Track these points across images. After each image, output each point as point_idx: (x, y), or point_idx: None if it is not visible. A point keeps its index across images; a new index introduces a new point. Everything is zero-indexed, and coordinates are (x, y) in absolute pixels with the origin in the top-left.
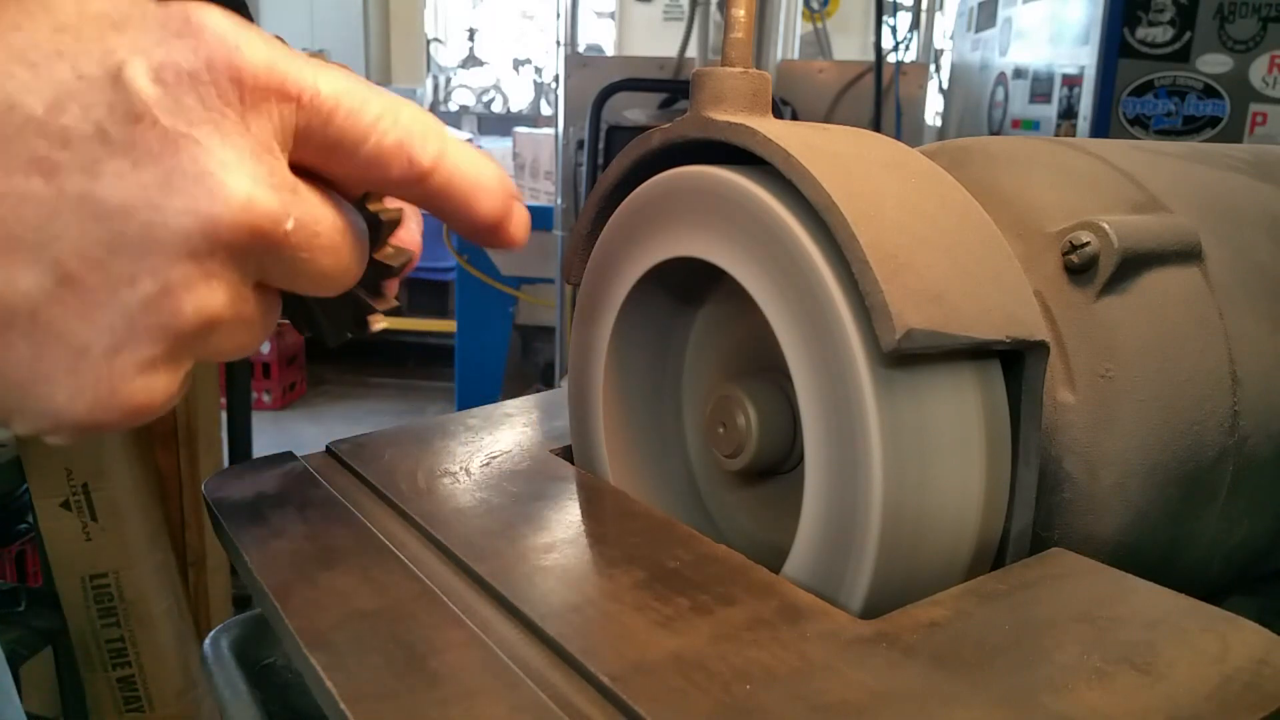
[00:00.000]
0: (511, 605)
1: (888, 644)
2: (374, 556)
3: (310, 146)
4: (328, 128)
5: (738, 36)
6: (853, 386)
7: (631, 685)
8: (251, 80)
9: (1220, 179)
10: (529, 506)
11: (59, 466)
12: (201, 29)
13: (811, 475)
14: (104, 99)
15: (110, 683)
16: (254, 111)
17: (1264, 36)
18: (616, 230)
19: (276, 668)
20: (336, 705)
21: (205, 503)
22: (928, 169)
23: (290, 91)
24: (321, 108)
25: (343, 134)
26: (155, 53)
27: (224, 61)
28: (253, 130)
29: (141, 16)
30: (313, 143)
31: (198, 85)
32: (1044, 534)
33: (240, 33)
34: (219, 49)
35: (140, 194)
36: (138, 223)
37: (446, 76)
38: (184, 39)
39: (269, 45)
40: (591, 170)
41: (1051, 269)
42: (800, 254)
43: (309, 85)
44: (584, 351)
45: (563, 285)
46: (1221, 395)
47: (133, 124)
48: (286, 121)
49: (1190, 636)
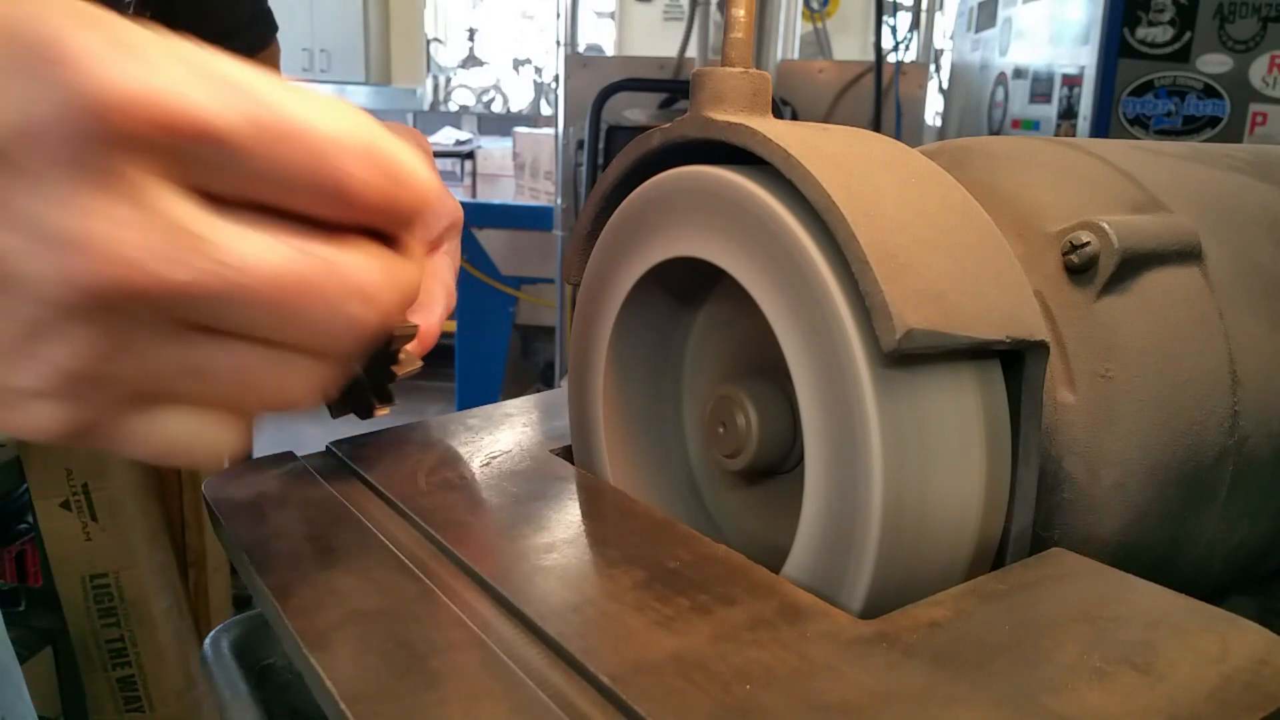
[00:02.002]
0: (511, 605)
1: (888, 644)
2: (374, 556)
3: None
4: (240, 167)
5: (738, 36)
6: (853, 386)
7: (631, 685)
8: (119, 118)
9: (1220, 179)
10: (529, 506)
11: (59, 466)
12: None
13: (811, 475)
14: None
15: (110, 683)
16: (125, 149)
17: (1264, 36)
18: (616, 230)
19: (276, 668)
20: (336, 705)
21: (205, 503)
22: (928, 169)
23: (174, 125)
24: (220, 141)
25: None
26: (12, 82)
27: (89, 92)
28: (122, 172)
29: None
30: (223, 178)
31: (52, 122)
32: (1044, 534)
33: (111, 56)
34: (83, 78)
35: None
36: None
37: (446, 76)
38: (45, 64)
39: (145, 66)
40: (591, 170)
41: (1051, 269)
42: (800, 254)
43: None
44: (584, 351)
45: (563, 285)
46: (1221, 395)
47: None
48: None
49: (1190, 636)
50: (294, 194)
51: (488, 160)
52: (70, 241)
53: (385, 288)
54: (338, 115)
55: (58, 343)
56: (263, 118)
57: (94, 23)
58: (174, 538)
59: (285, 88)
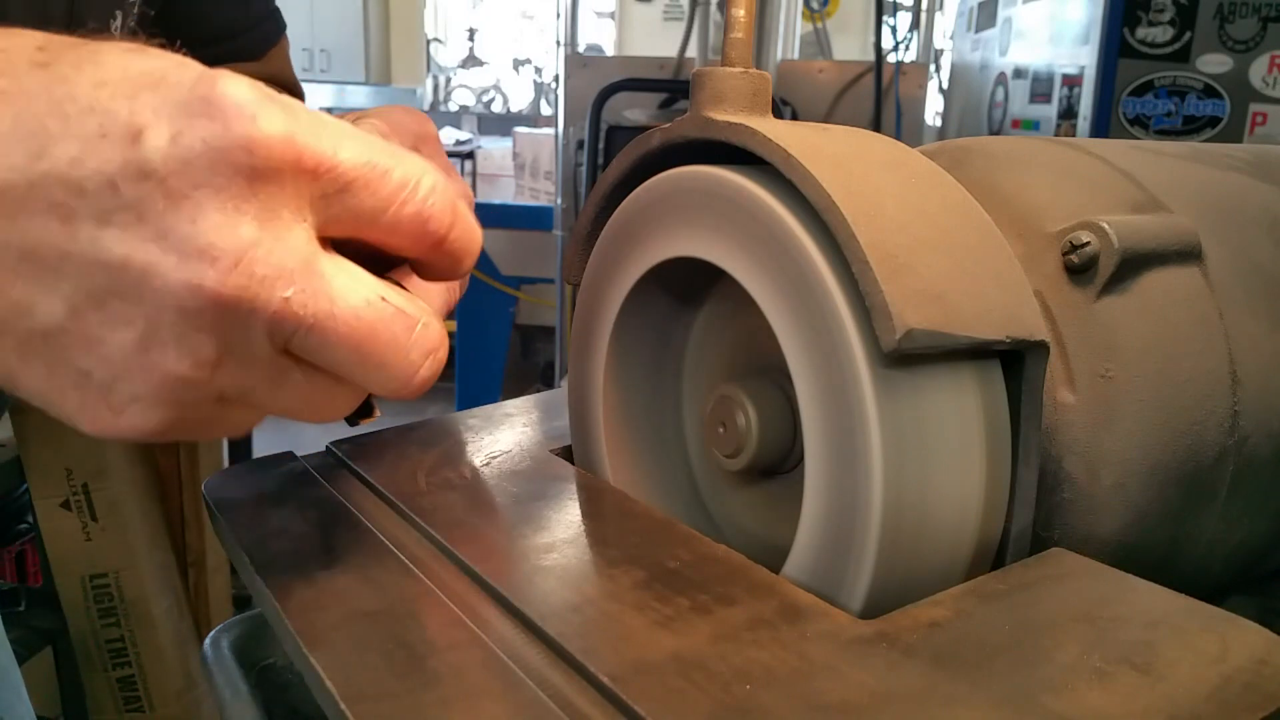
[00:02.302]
0: (511, 605)
1: (888, 644)
2: (374, 556)
3: (330, 215)
4: (345, 198)
5: (738, 36)
6: (853, 386)
7: (631, 685)
8: (264, 152)
9: (1220, 179)
10: (529, 506)
11: (59, 466)
12: (222, 98)
13: (811, 475)
14: (120, 155)
15: (110, 683)
16: (264, 181)
17: (1264, 36)
18: (616, 230)
19: (276, 668)
20: (336, 705)
21: (205, 503)
22: (928, 169)
23: (306, 164)
24: (339, 180)
25: (361, 206)
26: (177, 117)
27: (238, 131)
28: (260, 197)
29: (176, 81)
30: (332, 212)
31: (209, 151)
32: (1044, 534)
33: (261, 104)
34: (236, 121)
35: (139, 248)
36: (134, 273)
37: (446, 76)
38: (205, 105)
39: (289, 117)
40: (591, 170)
41: (1051, 269)
42: (800, 254)
43: (327, 158)
44: (584, 352)
45: (563, 285)
46: (1221, 395)
47: (141, 181)
48: (301, 192)
49: (1190, 636)
50: (384, 225)
51: (488, 160)
52: (202, 252)
53: (445, 342)
54: (413, 158)
55: (171, 349)
56: (373, 159)
57: (243, 79)
58: (174, 538)
59: (374, 136)
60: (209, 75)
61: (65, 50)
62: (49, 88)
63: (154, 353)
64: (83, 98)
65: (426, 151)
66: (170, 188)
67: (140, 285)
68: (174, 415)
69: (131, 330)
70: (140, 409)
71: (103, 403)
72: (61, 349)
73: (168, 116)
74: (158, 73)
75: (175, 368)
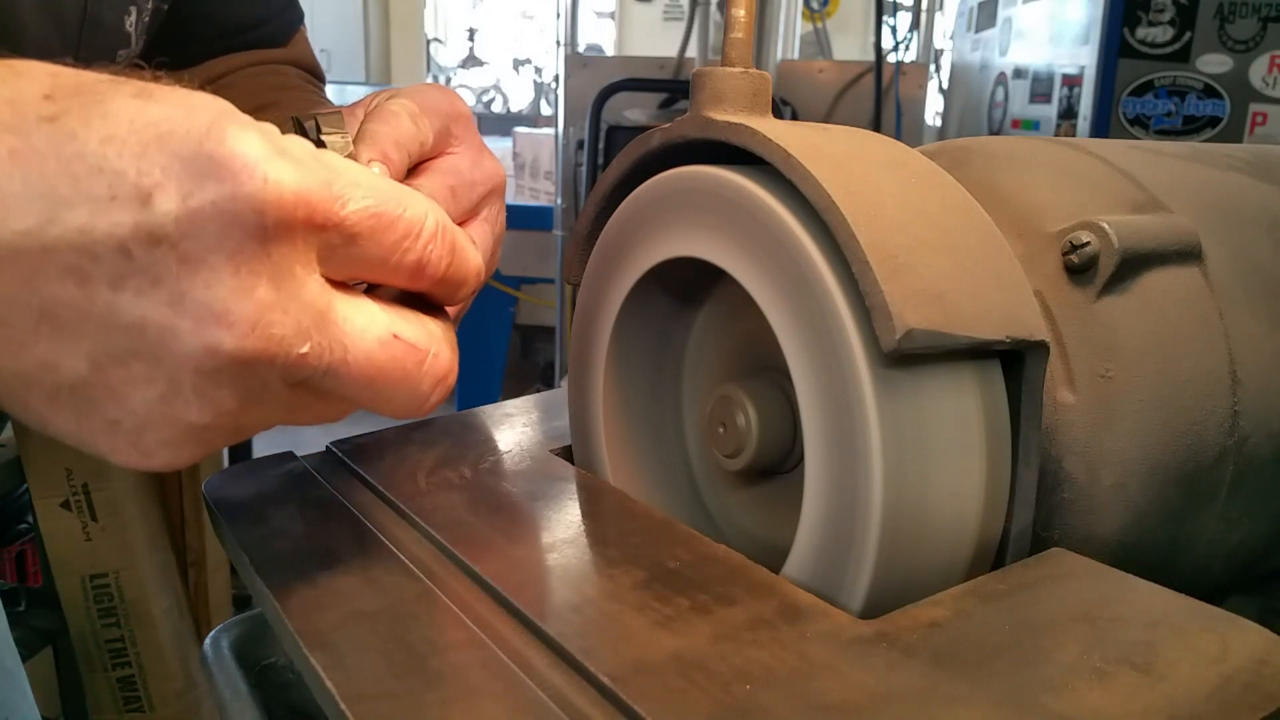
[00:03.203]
0: (511, 605)
1: (888, 644)
2: (374, 556)
3: (336, 262)
4: (351, 248)
5: (738, 36)
6: (853, 386)
7: (631, 685)
8: (275, 213)
9: (1220, 179)
10: (529, 506)
11: (59, 466)
12: (231, 157)
13: (811, 475)
14: (131, 219)
15: (110, 683)
16: (276, 241)
17: (1264, 36)
18: (616, 230)
19: (276, 668)
20: (336, 705)
21: (205, 503)
22: (928, 169)
23: (316, 220)
24: (347, 233)
25: (365, 255)
26: (185, 177)
27: (248, 194)
28: (273, 258)
29: (185, 133)
30: (337, 260)
31: (219, 215)
32: (1044, 534)
33: (270, 161)
34: (246, 181)
35: (155, 311)
36: (152, 336)
37: (446, 76)
38: (213, 164)
39: (299, 170)
40: (591, 170)
41: (1051, 269)
42: (800, 254)
43: (335, 213)
44: (584, 351)
45: (563, 285)
46: (1221, 395)
47: (154, 246)
48: (311, 244)
49: (1190, 636)
50: (385, 270)
51: None
52: (219, 317)
53: (454, 367)
54: (417, 201)
55: (193, 405)
56: (379, 211)
57: (252, 128)
58: (174, 538)
59: (381, 179)
60: (218, 128)
61: (72, 100)
62: (58, 146)
63: (177, 407)
64: (91, 156)
65: (458, 131)
66: (183, 252)
67: (158, 348)
68: (202, 451)
69: (153, 388)
70: (169, 451)
71: (133, 447)
72: (88, 401)
73: (176, 176)
74: (165, 124)
75: (198, 419)
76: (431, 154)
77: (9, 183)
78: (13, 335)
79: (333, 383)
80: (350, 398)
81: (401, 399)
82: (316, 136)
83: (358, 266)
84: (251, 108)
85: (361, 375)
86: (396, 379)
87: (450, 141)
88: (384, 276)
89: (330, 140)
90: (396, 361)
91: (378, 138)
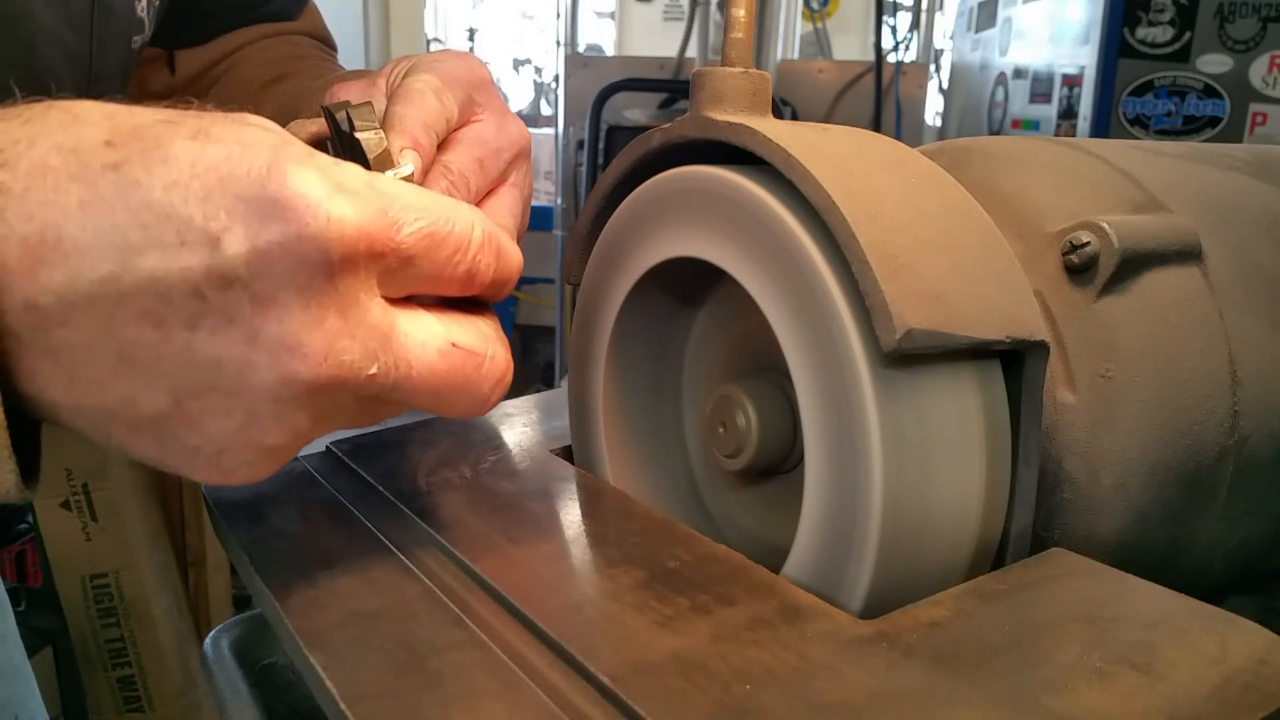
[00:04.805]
0: (511, 605)
1: (888, 644)
2: (374, 556)
3: (394, 283)
4: (409, 269)
5: (738, 36)
6: (853, 386)
7: (631, 685)
8: (340, 249)
9: (1220, 179)
10: (529, 506)
11: (59, 466)
12: (293, 198)
13: (811, 475)
14: (201, 263)
15: (110, 683)
16: (341, 274)
17: (1264, 36)
18: (616, 230)
19: (276, 668)
20: (336, 705)
21: (205, 503)
22: (928, 169)
23: (376, 249)
24: (403, 256)
25: (420, 273)
26: (250, 220)
27: (314, 233)
28: (339, 289)
29: (245, 174)
30: (395, 280)
31: (287, 255)
32: (1044, 534)
33: (333, 199)
34: (310, 221)
35: (230, 349)
36: (229, 372)
37: None
38: (276, 206)
39: (357, 204)
40: (591, 170)
41: (1051, 269)
42: (800, 254)
43: (392, 239)
44: (584, 351)
45: (563, 285)
46: (1221, 395)
47: (226, 288)
48: (372, 271)
49: (1190, 636)
50: (439, 283)
51: None
52: (293, 350)
53: (510, 364)
54: (463, 213)
55: (271, 429)
56: (431, 230)
57: (310, 165)
58: (174, 538)
59: (433, 197)
60: (278, 168)
61: (132, 145)
62: (125, 195)
63: (255, 433)
64: (158, 204)
65: (480, 98)
66: (255, 292)
67: (236, 382)
68: (278, 465)
69: (231, 419)
70: (247, 470)
71: (213, 468)
72: (169, 430)
73: (242, 218)
74: (225, 165)
75: (275, 441)
76: (457, 125)
77: (82, 233)
78: (93, 376)
79: (399, 395)
80: (417, 405)
81: (464, 402)
82: (349, 130)
83: (414, 283)
84: (268, 78)
85: (426, 386)
86: (458, 385)
87: (474, 110)
88: (438, 289)
89: (363, 136)
90: (457, 369)
91: (407, 123)
